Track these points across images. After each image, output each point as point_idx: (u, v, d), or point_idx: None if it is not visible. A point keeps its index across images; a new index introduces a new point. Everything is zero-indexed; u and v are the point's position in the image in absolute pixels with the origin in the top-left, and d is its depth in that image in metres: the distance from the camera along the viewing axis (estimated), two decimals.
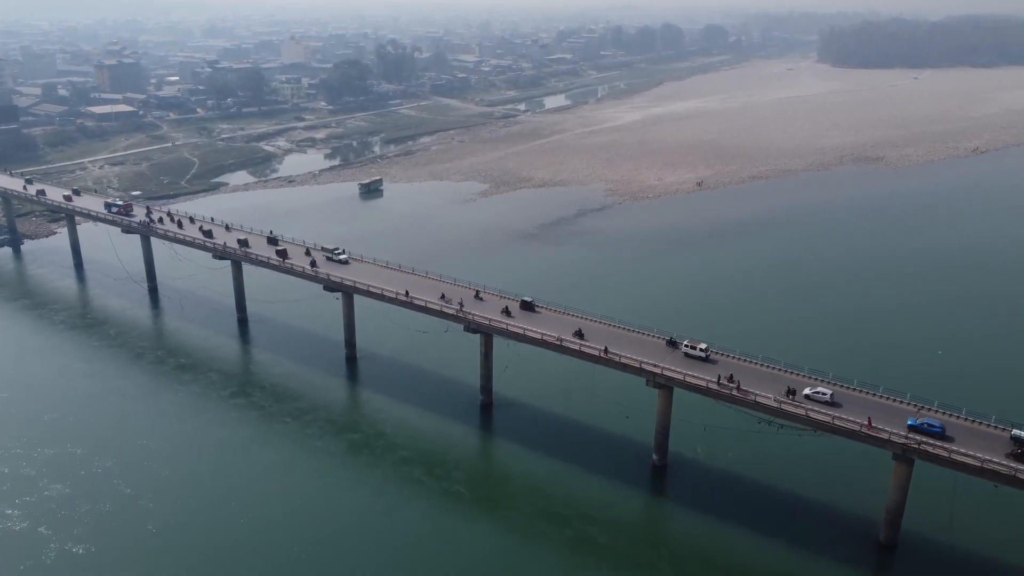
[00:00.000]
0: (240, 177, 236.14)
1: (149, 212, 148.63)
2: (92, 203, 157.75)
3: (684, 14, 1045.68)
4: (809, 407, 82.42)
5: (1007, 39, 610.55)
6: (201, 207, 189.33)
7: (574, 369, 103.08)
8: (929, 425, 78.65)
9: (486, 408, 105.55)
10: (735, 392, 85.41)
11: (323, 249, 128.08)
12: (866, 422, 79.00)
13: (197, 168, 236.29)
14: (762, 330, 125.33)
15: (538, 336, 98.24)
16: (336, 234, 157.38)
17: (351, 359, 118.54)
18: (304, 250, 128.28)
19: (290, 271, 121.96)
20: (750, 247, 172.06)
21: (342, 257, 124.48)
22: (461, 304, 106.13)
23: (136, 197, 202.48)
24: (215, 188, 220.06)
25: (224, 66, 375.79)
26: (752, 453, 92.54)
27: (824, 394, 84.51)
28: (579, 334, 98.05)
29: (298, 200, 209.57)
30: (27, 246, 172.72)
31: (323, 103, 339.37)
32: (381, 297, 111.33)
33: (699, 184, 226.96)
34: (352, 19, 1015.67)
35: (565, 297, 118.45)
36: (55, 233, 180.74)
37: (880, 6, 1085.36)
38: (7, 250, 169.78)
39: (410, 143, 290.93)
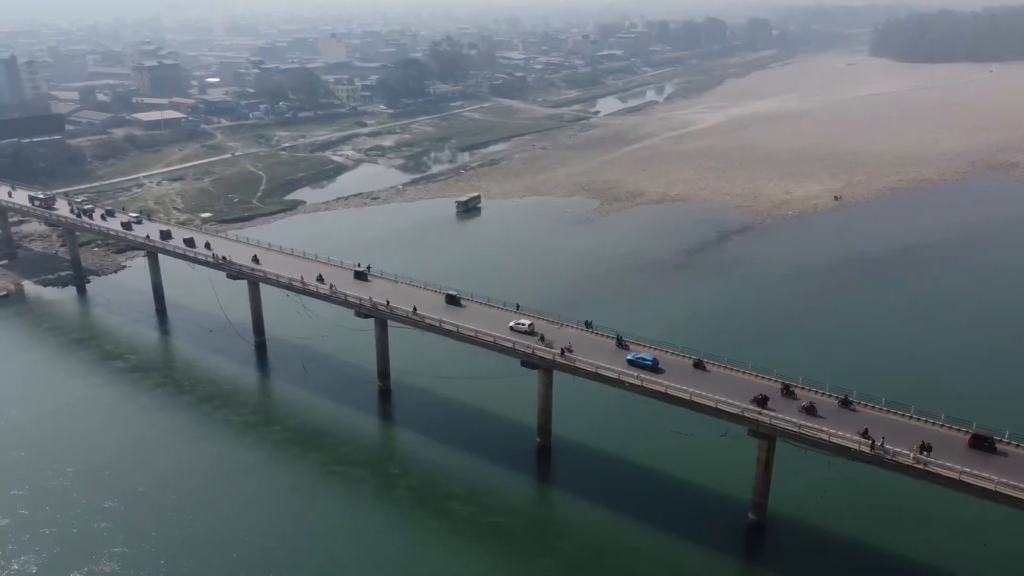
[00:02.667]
0: (315, 193, 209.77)
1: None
2: (172, 234, 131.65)
3: (704, 6, 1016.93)
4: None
5: None
6: (281, 231, 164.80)
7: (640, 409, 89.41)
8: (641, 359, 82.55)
9: (543, 452, 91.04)
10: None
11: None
12: None
13: (266, 184, 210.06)
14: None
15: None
16: (444, 267, 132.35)
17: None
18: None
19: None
20: (955, 282, 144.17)
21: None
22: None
23: (207, 220, 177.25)
24: (292, 207, 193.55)
25: (270, 67, 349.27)
26: None
27: None
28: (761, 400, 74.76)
29: (388, 221, 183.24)
30: (93, 284, 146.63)
31: (382, 106, 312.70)
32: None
33: (837, 199, 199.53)
34: (373, 15, 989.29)
35: (744, 351, 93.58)
36: (123, 267, 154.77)
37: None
38: (71, 290, 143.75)
39: (486, 150, 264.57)
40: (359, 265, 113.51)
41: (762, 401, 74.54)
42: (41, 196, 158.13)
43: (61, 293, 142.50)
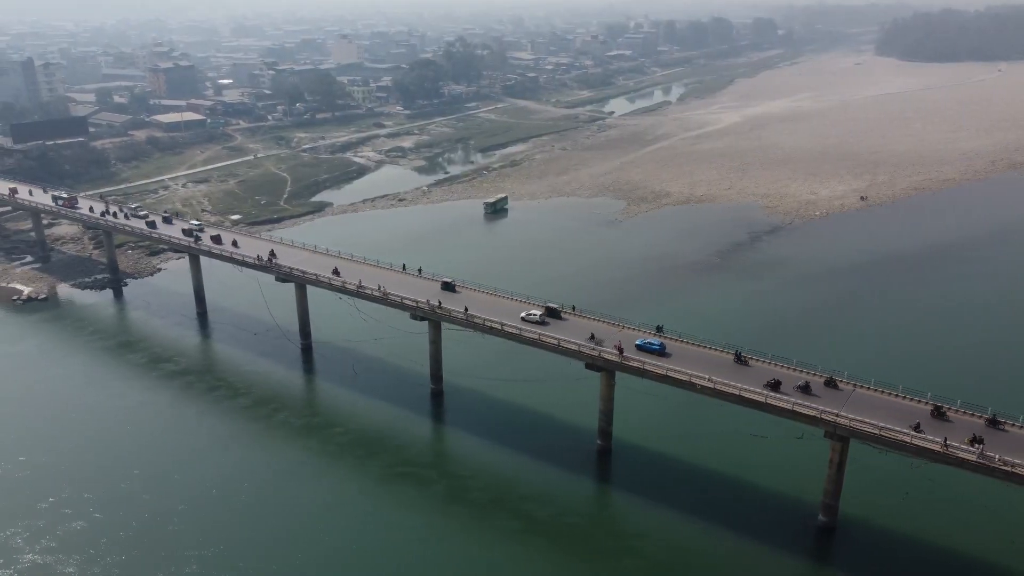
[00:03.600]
0: (340, 195, 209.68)
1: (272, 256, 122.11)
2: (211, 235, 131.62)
3: (705, 5, 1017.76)
4: None
5: None
6: (311, 233, 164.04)
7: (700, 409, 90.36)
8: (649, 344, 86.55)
9: (603, 454, 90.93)
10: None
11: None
12: None
13: (291, 185, 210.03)
14: None
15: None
16: (482, 269, 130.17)
17: None
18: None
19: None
20: (993, 281, 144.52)
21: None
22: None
23: (237, 222, 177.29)
24: (319, 209, 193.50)
25: (284, 68, 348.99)
26: None
27: None
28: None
29: (417, 223, 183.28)
30: (130, 287, 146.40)
31: (399, 107, 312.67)
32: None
33: (863, 199, 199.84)
34: (375, 15, 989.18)
35: (789, 351, 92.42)
36: (159, 270, 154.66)
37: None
38: (108, 293, 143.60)
39: (505, 151, 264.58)
40: (418, 271, 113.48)
41: (805, 388, 77.20)
42: (64, 196, 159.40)
43: (98, 296, 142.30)
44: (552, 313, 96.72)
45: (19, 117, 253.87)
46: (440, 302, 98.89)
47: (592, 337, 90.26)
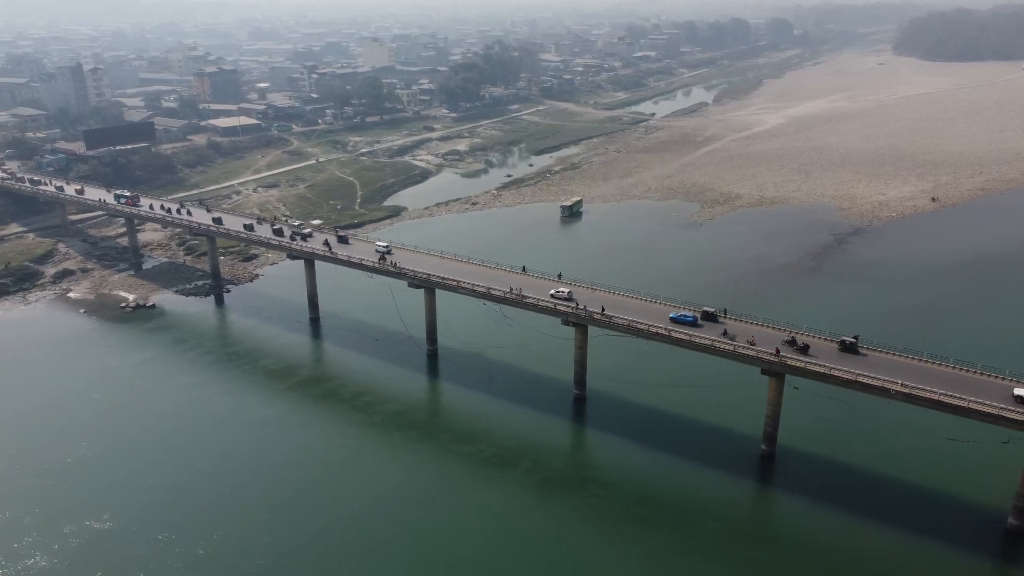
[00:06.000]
0: (411, 198, 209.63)
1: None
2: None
3: (711, 5, 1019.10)
4: None
5: None
6: (393, 236, 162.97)
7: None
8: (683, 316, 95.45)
9: (766, 459, 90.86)
10: None
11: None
12: None
13: (361, 190, 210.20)
14: None
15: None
16: (581, 272, 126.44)
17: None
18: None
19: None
20: None
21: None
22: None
23: (320, 226, 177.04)
24: (396, 213, 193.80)
25: (325, 71, 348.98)
26: None
27: None
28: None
29: (498, 226, 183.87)
30: (232, 294, 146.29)
31: (443, 110, 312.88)
32: None
33: (934, 200, 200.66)
34: (385, 18, 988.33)
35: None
36: (257, 275, 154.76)
37: None
38: (211, 300, 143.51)
39: (558, 153, 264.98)
40: (557, 276, 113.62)
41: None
42: (127, 194, 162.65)
43: (204, 303, 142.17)
44: (708, 317, 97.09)
45: (75, 123, 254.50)
46: (585, 306, 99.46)
47: (725, 332, 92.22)
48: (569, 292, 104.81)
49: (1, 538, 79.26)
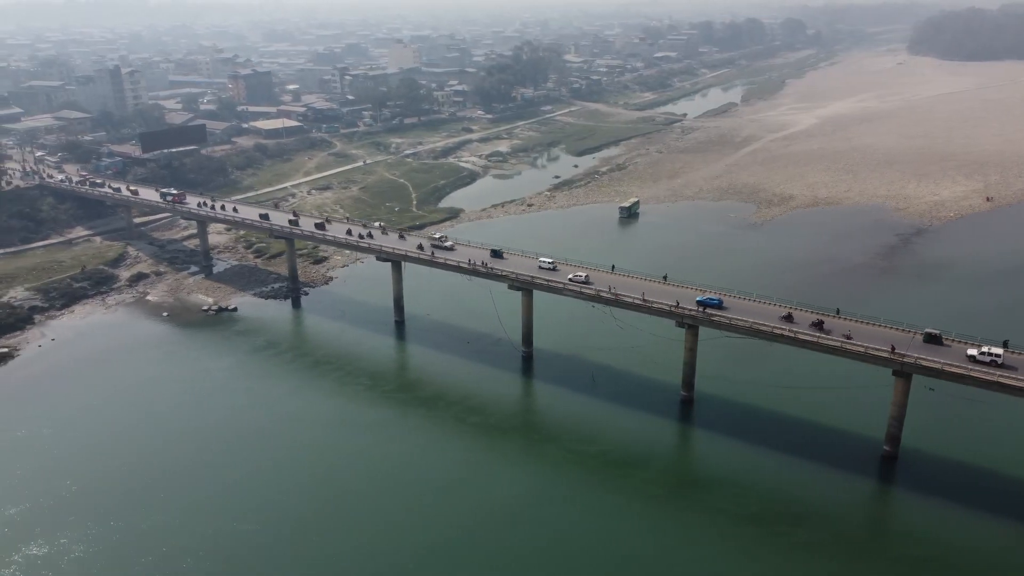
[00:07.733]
0: (465, 200, 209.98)
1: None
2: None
3: (714, 5, 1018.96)
4: None
5: None
6: (455, 237, 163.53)
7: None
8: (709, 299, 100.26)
9: (888, 460, 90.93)
10: None
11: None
12: None
13: (414, 191, 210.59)
14: None
15: None
16: (661, 272, 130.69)
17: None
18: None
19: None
20: None
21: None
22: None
23: (382, 229, 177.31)
24: (454, 215, 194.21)
25: (358, 73, 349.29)
26: None
27: None
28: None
29: (558, 227, 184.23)
30: (309, 297, 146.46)
31: (479, 111, 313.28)
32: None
33: (989, 199, 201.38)
34: (395, 19, 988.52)
35: None
36: (331, 278, 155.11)
37: None
38: (288, 303, 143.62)
39: (600, 154, 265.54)
40: (662, 278, 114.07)
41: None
42: (173, 192, 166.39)
43: (283, 306, 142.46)
44: (816, 325, 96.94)
45: (117, 125, 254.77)
46: (688, 307, 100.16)
47: (848, 336, 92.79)
48: (586, 276, 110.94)
49: (159, 538, 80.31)
